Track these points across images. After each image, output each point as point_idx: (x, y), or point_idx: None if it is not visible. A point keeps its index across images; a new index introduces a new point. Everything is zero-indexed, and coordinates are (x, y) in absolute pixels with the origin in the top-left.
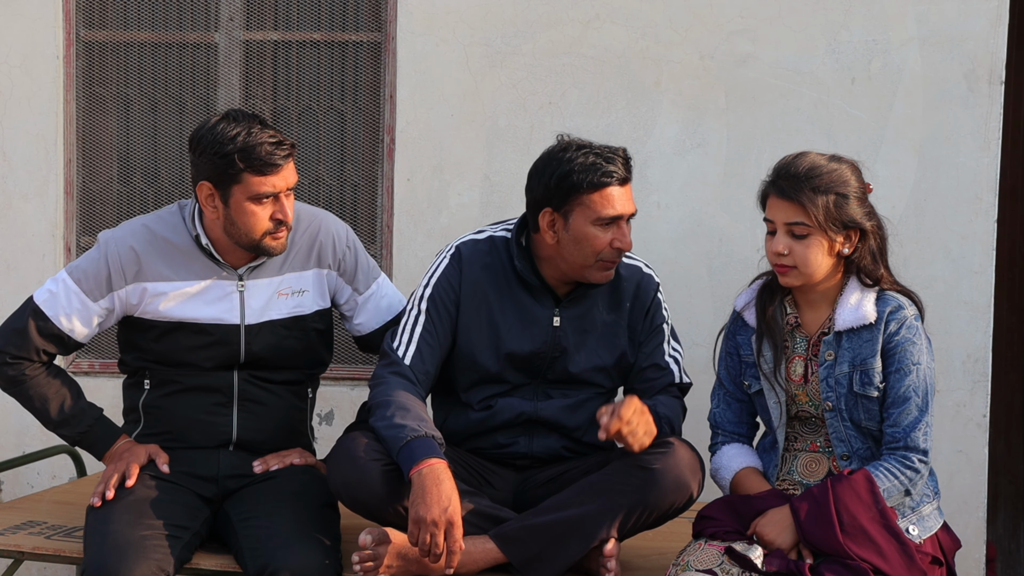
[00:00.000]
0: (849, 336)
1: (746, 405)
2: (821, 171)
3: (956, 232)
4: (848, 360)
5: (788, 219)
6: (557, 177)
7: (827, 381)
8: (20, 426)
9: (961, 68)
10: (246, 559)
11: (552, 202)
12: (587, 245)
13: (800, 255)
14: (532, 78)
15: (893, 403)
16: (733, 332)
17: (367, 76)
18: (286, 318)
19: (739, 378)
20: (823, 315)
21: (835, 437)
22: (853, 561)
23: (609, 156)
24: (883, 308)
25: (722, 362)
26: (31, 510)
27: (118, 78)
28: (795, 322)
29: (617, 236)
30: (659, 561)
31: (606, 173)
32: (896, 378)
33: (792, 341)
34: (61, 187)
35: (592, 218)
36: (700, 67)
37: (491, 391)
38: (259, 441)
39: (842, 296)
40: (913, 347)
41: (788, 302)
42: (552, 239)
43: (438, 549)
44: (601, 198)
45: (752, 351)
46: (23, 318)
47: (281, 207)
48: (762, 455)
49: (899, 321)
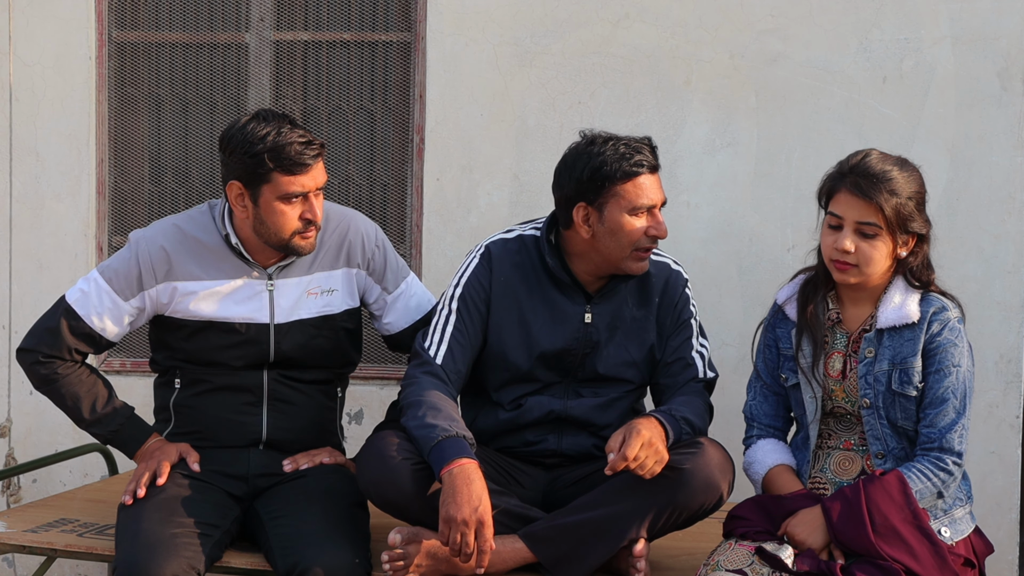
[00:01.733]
0: (891, 334)
1: (782, 399)
2: (895, 173)
3: (989, 232)
4: (888, 358)
5: (861, 218)
6: (589, 170)
7: (866, 378)
8: (53, 424)
9: (994, 66)
10: (276, 557)
11: (586, 196)
12: (623, 235)
13: (865, 255)
14: (561, 77)
15: (931, 403)
16: (773, 325)
17: (397, 76)
18: (315, 317)
19: (776, 371)
20: (865, 312)
21: (871, 435)
22: (885, 561)
23: (637, 146)
24: (927, 308)
25: (760, 354)
26: (63, 508)
27: (150, 78)
28: (836, 318)
29: (652, 224)
30: (688, 562)
31: (637, 163)
32: (935, 379)
33: (832, 337)
34: (93, 187)
35: (627, 208)
36: (730, 66)
37: (522, 390)
38: (289, 440)
39: (886, 294)
40: (955, 349)
41: (831, 298)
42: (587, 233)
43: (468, 549)
44: (635, 187)
45: (791, 345)
46: (55, 317)
47: (310, 207)
48: (795, 452)
49: (942, 322)
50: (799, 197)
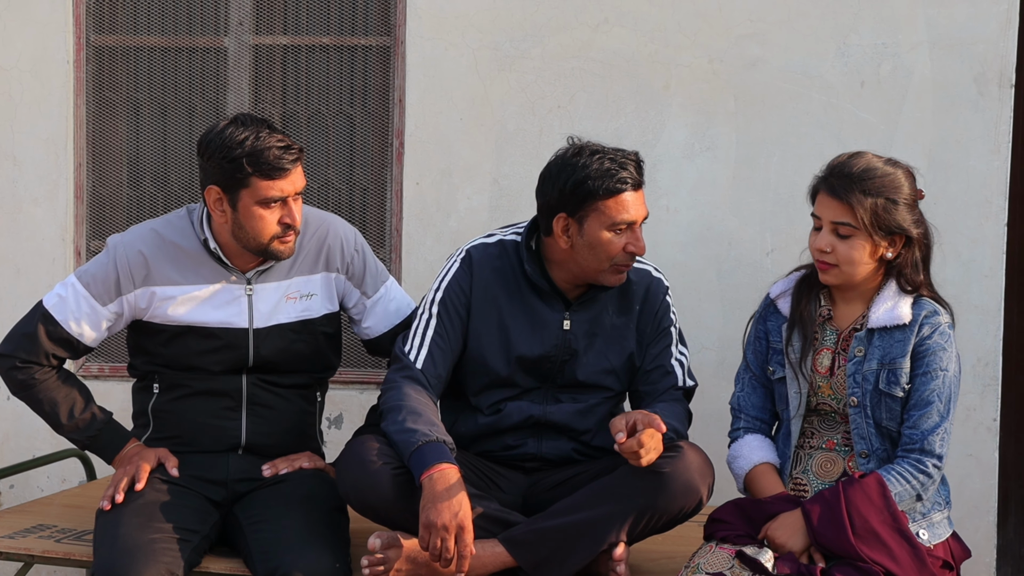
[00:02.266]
0: (881, 334)
1: (770, 391)
2: (874, 174)
3: (966, 236)
4: (877, 358)
5: (835, 218)
6: (572, 183)
7: (854, 377)
8: (30, 430)
9: (971, 71)
10: (255, 563)
11: (567, 207)
12: (601, 250)
13: (843, 254)
14: (541, 82)
15: (915, 405)
16: (764, 317)
17: (376, 80)
18: (294, 322)
19: (765, 363)
20: (857, 311)
21: (856, 434)
22: (865, 564)
23: (623, 161)
24: (918, 311)
25: (750, 346)
26: (41, 513)
27: (128, 82)
28: (827, 315)
29: (631, 241)
30: (668, 565)
31: (621, 180)
32: (922, 381)
33: (822, 333)
34: (71, 191)
35: (607, 224)
36: (709, 71)
37: (501, 395)
38: (268, 445)
39: (879, 295)
40: (944, 353)
41: (823, 295)
42: (566, 244)
43: (449, 554)
44: (616, 204)
45: (781, 338)
46: (32, 323)
47: (289, 211)
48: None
49: (933, 326)
50: (778, 201)
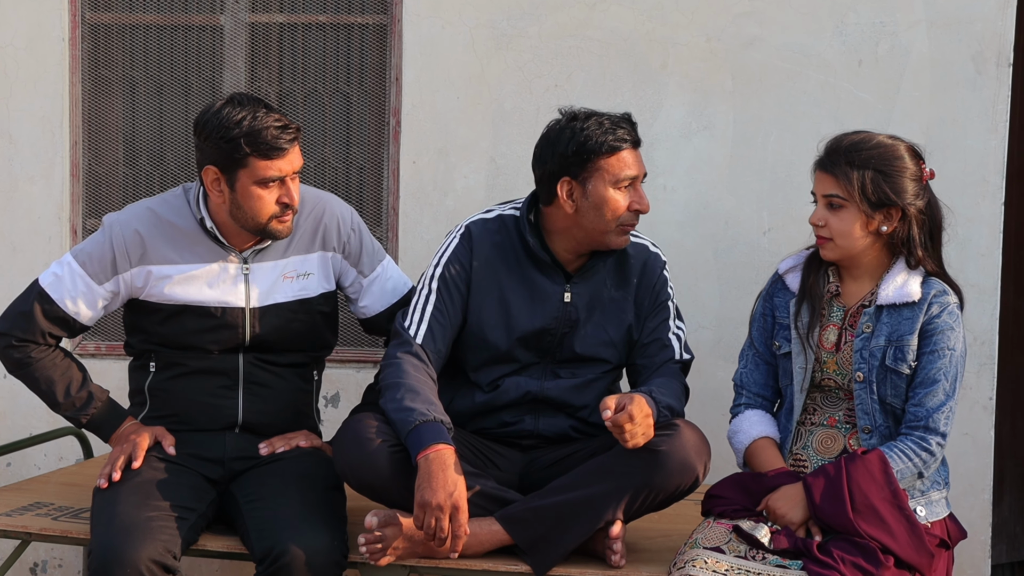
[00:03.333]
0: (890, 312)
1: (773, 368)
2: (864, 146)
3: (963, 215)
4: (885, 335)
5: (825, 191)
6: (575, 145)
7: (861, 352)
8: (27, 408)
9: (969, 50)
10: (252, 541)
11: (570, 170)
12: (607, 209)
13: (835, 227)
14: (538, 61)
15: (921, 383)
16: (771, 294)
17: (373, 59)
18: (291, 301)
19: (770, 339)
20: (865, 289)
21: (860, 410)
22: (862, 539)
23: (618, 121)
24: (928, 290)
25: (756, 322)
26: (38, 491)
27: (124, 60)
28: (835, 291)
29: (635, 199)
30: (665, 543)
31: (620, 137)
32: (929, 359)
33: (829, 309)
34: (67, 169)
35: (611, 181)
36: (707, 49)
37: (500, 371)
38: (265, 424)
39: (889, 273)
40: (952, 332)
41: (832, 272)
42: (571, 208)
43: (443, 533)
44: (618, 160)
45: (788, 313)
46: (28, 301)
47: (287, 191)
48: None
49: (942, 305)
50: (775, 180)
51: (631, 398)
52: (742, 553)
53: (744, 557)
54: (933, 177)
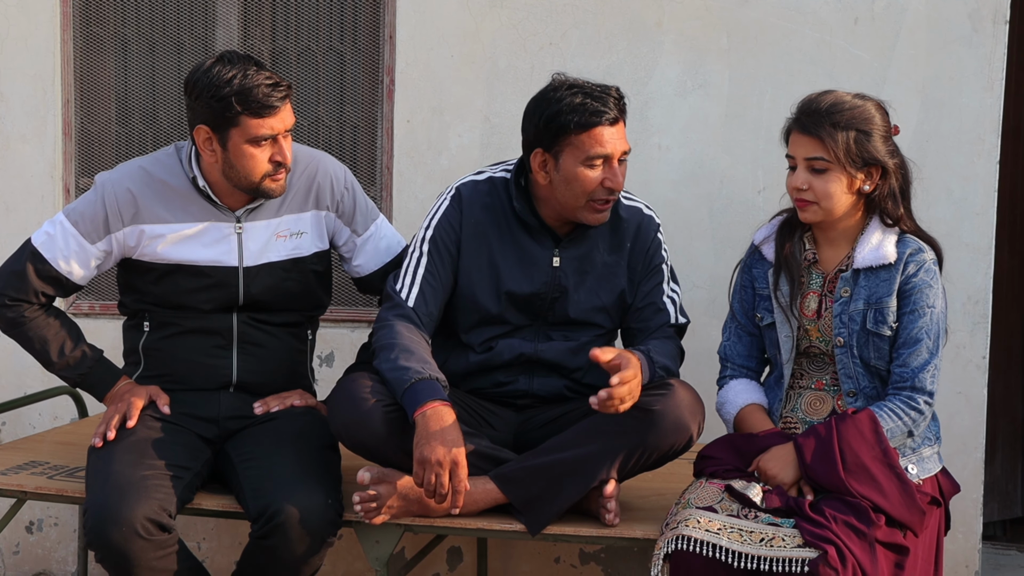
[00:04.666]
0: (867, 275)
1: (756, 339)
2: (843, 107)
3: (958, 173)
4: (864, 298)
5: (808, 154)
6: (546, 117)
7: (841, 317)
8: (21, 367)
9: (965, 7)
10: (247, 500)
11: (543, 142)
12: (577, 185)
13: (820, 190)
14: (532, 18)
15: (904, 343)
16: (749, 265)
17: (366, 16)
18: (284, 260)
19: (752, 311)
20: (841, 253)
21: (843, 374)
22: (853, 498)
23: (600, 95)
24: (903, 249)
25: (736, 295)
26: (33, 450)
27: (115, 18)
28: (812, 258)
29: (608, 176)
30: (658, 502)
31: (595, 112)
32: (910, 319)
33: (808, 277)
34: (59, 128)
35: (581, 158)
36: (702, 7)
37: (492, 332)
38: (259, 383)
39: (863, 235)
40: (929, 290)
41: (807, 238)
42: (544, 179)
43: (443, 489)
44: (589, 138)
45: (767, 285)
46: (21, 260)
47: (280, 149)
48: (768, 391)
49: (918, 263)
50: (770, 139)
51: (627, 360)
52: (735, 512)
53: (736, 516)
54: (898, 133)
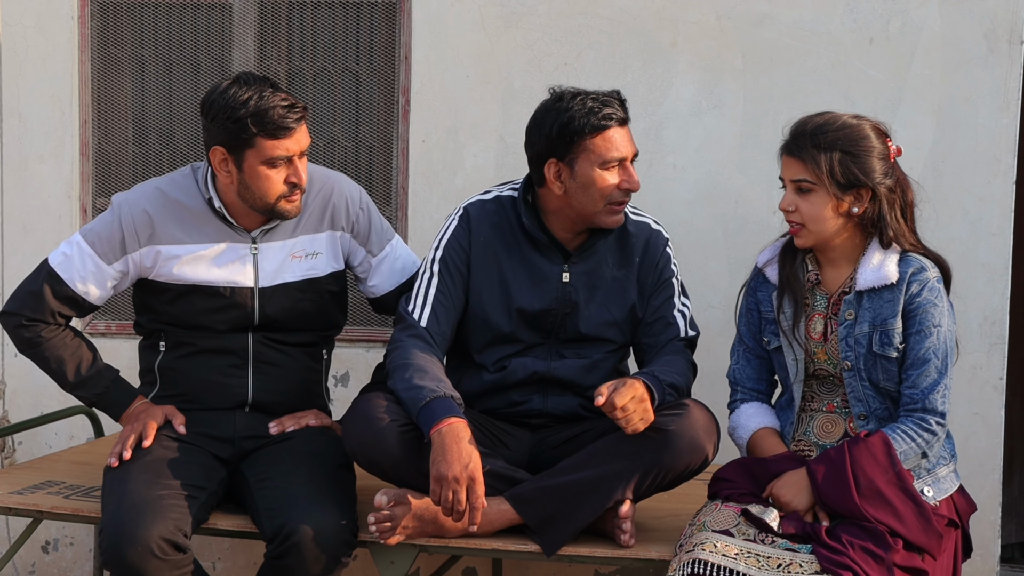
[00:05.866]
0: (870, 296)
1: (765, 362)
2: (829, 128)
3: (974, 194)
4: (868, 320)
5: (793, 176)
6: (558, 126)
7: (847, 340)
8: (37, 387)
9: (981, 28)
10: (262, 520)
11: (556, 152)
12: (595, 190)
13: (806, 212)
14: (547, 39)
15: (912, 364)
16: (754, 288)
17: (382, 37)
18: (300, 280)
19: (759, 334)
20: (844, 274)
21: (853, 396)
22: (869, 523)
23: (605, 99)
24: (905, 269)
25: (742, 318)
26: (49, 470)
27: (133, 39)
28: (816, 279)
29: (624, 178)
30: (673, 523)
31: (605, 116)
32: (916, 339)
33: (812, 299)
34: (77, 148)
35: (598, 162)
36: (717, 27)
37: (504, 351)
38: (275, 403)
39: (864, 256)
40: (935, 309)
41: (810, 260)
42: (560, 189)
43: (461, 506)
44: (604, 141)
45: (772, 307)
46: (38, 281)
47: (295, 170)
48: (778, 413)
49: (921, 282)
50: None
51: (624, 382)
52: (751, 537)
53: (753, 541)
54: (900, 154)
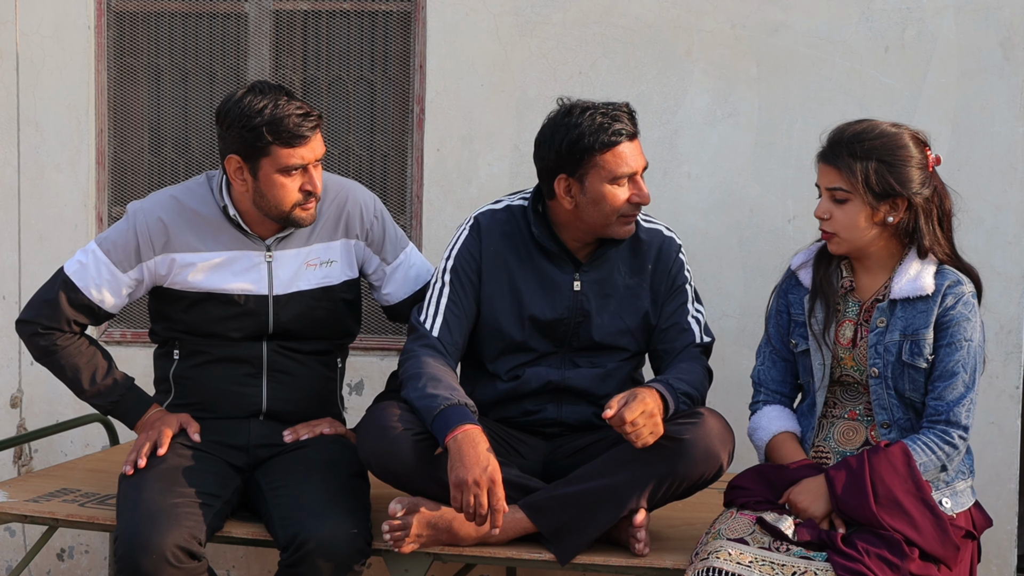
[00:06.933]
0: (904, 305)
1: (791, 365)
2: (866, 136)
3: (990, 202)
4: (900, 329)
5: (829, 183)
6: (568, 143)
7: (876, 348)
8: (53, 395)
9: (996, 36)
10: (276, 528)
11: (566, 168)
12: (606, 205)
13: (840, 220)
14: (562, 48)
15: (940, 376)
16: (785, 290)
17: (397, 46)
18: (314, 289)
19: (787, 336)
20: (879, 282)
21: (877, 404)
22: (886, 532)
23: (615, 114)
24: (941, 281)
25: (772, 319)
26: (64, 478)
27: (149, 48)
28: (849, 286)
29: (635, 192)
30: (688, 532)
31: (615, 132)
32: (946, 352)
33: (844, 304)
34: (93, 157)
35: (608, 178)
36: (731, 36)
37: (517, 360)
38: (289, 411)
39: (901, 265)
40: (968, 323)
41: (845, 266)
42: (570, 204)
43: (483, 509)
44: (614, 157)
45: (803, 310)
46: (54, 289)
47: (310, 179)
48: (800, 418)
49: (956, 296)
50: (800, 168)
51: (635, 395)
52: (766, 544)
53: (768, 548)
54: (939, 163)
